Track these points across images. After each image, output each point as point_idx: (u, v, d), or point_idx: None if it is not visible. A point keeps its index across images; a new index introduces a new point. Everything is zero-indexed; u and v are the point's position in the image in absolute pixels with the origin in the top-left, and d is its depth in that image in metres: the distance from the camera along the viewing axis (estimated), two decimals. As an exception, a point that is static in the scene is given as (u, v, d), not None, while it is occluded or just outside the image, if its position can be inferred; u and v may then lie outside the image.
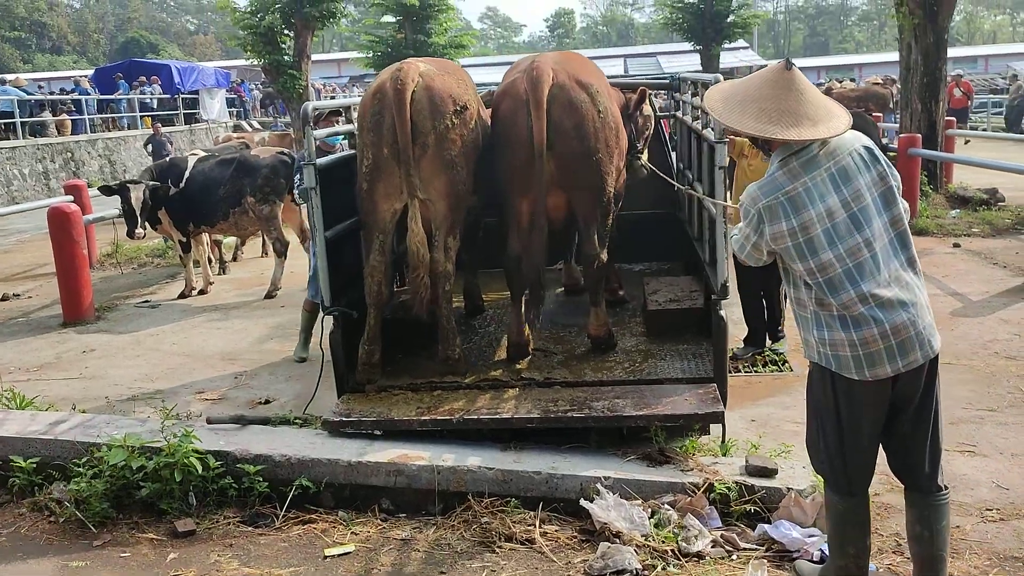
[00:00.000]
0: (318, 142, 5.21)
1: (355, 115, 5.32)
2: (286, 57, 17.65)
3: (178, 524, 4.00)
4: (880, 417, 3.09)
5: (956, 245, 9.97)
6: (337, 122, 6.09)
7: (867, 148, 3.06)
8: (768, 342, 6.46)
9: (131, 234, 9.22)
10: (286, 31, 17.46)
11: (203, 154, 10.04)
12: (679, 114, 6.83)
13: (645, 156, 6.03)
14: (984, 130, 23.47)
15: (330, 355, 4.98)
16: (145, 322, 8.72)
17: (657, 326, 5.42)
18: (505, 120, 4.96)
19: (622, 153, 5.32)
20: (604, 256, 5.04)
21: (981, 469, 4.53)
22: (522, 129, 4.77)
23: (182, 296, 9.68)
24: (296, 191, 6.43)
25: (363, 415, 4.53)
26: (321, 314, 5.19)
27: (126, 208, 9.11)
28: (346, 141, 5.92)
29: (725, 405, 4.45)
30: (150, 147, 17.29)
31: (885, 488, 4.33)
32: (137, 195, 9.03)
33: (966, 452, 4.74)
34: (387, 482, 4.16)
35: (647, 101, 5.99)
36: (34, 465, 4.44)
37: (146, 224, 9.21)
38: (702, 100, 5.50)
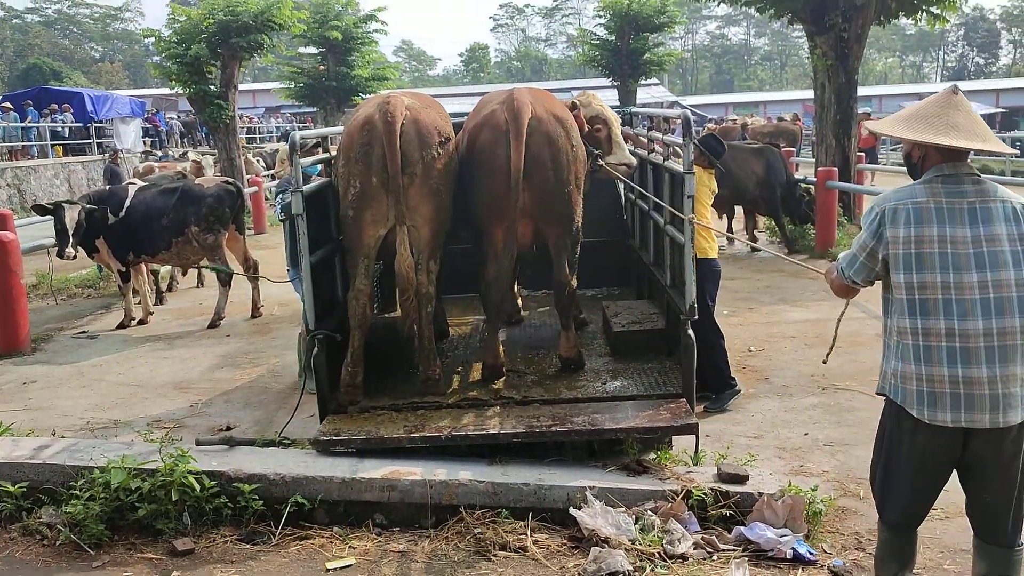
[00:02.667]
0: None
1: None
2: (212, 87, 17.47)
3: (177, 543, 4.04)
4: (941, 471, 3.10)
5: (874, 272, 10.61)
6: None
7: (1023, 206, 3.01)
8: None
9: (61, 254, 9.04)
10: (212, 61, 17.30)
11: (143, 183, 9.97)
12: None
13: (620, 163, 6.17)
14: (885, 164, 24.86)
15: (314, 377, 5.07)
16: (86, 353, 8.57)
17: (622, 346, 5.70)
18: (484, 150, 5.12)
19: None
20: (574, 283, 5.33)
21: (922, 474, 4.90)
22: (501, 159, 4.95)
23: (121, 326, 9.53)
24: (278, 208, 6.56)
25: (352, 434, 4.65)
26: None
27: (59, 228, 8.95)
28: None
29: None
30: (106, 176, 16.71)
31: (839, 493, 4.68)
32: (72, 215, 8.90)
33: (906, 459, 5.12)
34: (381, 497, 4.29)
35: (589, 104, 6.15)
36: (23, 490, 4.41)
37: (78, 247, 9.07)
38: (663, 134, 5.90)
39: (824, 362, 3.85)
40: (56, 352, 8.65)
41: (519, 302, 6.99)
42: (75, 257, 9.14)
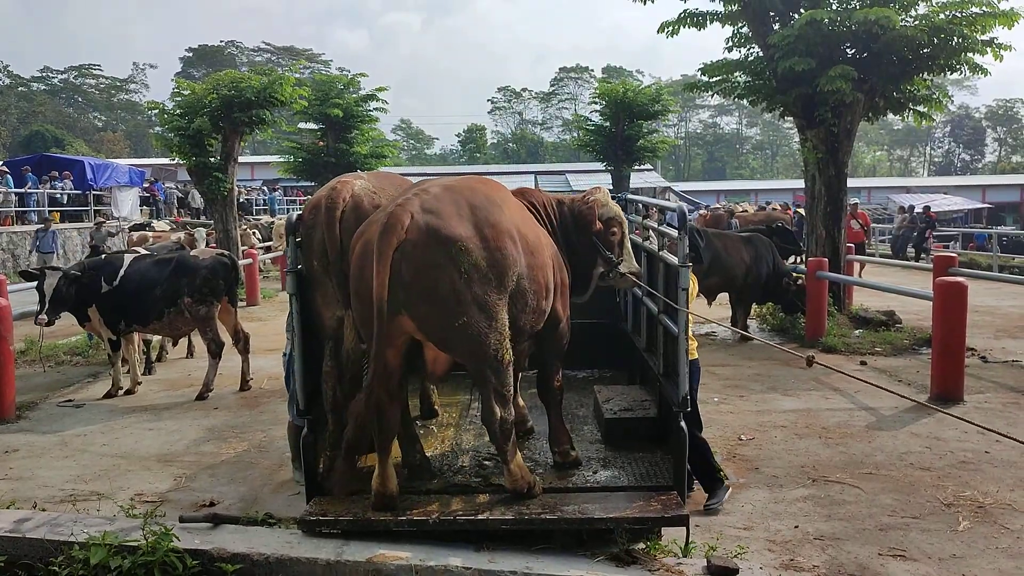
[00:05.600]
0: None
1: None
2: (212, 159, 17.72)
3: (154, 625, 3.96)
4: None
5: (863, 363, 10.67)
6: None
7: None
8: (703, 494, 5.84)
9: (36, 319, 9.08)
10: (214, 135, 17.59)
11: (142, 252, 10.04)
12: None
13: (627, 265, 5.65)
14: (871, 255, 25.19)
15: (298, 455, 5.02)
16: (70, 422, 8.49)
17: (613, 433, 5.67)
18: (355, 266, 4.48)
19: (533, 292, 4.72)
20: (507, 414, 4.52)
21: (913, 572, 4.84)
22: (368, 282, 4.28)
23: (108, 396, 9.46)
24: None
25: (338, 515, 4.59)
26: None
27: (39, 293, 9.03)
28: None
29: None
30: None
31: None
32: (50, 281, 8.97)
33: (898, 556, 5.06)
34: (365, 582, 4.22)
35: (605, 206, 5.57)
36: (1, 564, 4.32)
37: (60, 314, 9.10)
38: (659, 224, 5.99)
39: None
40: (40, 420, 8.57)
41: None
42: (48, 324, 9.11)
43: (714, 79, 14.05)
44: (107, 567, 4.04)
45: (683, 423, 4.82)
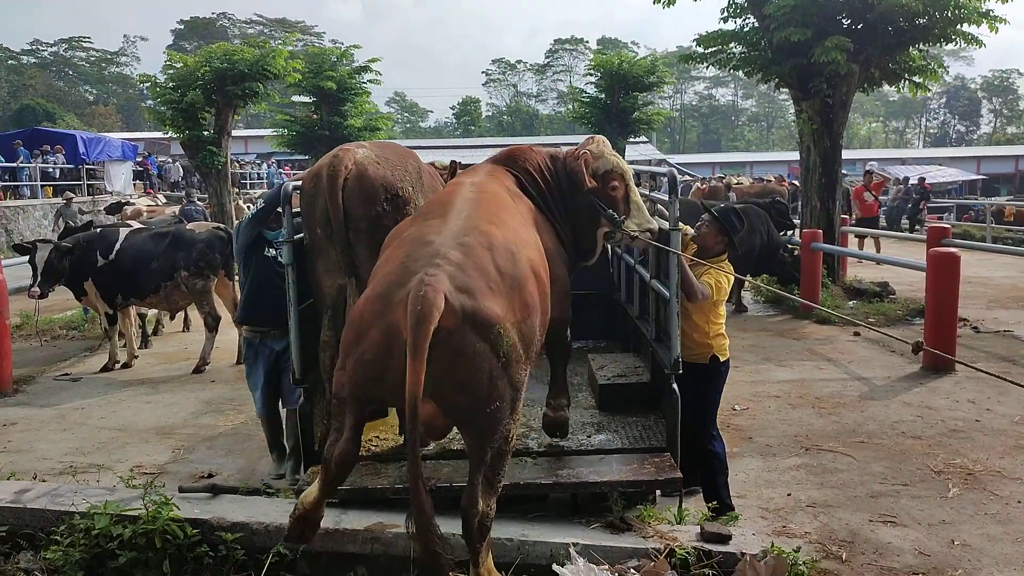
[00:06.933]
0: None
1: None
2: (206, 133, 17.64)
3: (156, 592, 4.01)
4: None
5: (856, 334, 10.72)
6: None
7: None
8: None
9: (29, 292, 9.13)
10: (207, 108, 17.50)
11: (137, 225, 10.03)
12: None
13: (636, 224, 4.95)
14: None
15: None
16: (68, 395, 8.54)
17: (607, 399, 5.72)
18: (377, 350, 3.57)
19: (544, 311, 4.13)
20: (488, 509, 3.81)
21: (903, 538, 4.93)
22: (397, 369, 3.43)
23: (105, 369, 9.51)
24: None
25: (336, 484, 4.63)
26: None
27: (32, 265, 9.07)
28: None
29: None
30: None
31: (821, 555, 4.68)
32: (42, 254, 8.99)
33: (888, 522, 5.15)
34: (363, 549, 4.26)
35: (599, 158, 4.91)
36: (2, 534, 4.37)
37: (50, 286, 9.16)
38: (649, 190, 6.00)
39: None
40: (38, 394, 8.61)
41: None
42: (41, 296, 9.16)
43: (709, 50, 13.99)
44: (109, 535, 4.09)
45: (675, 385, 4.86)
